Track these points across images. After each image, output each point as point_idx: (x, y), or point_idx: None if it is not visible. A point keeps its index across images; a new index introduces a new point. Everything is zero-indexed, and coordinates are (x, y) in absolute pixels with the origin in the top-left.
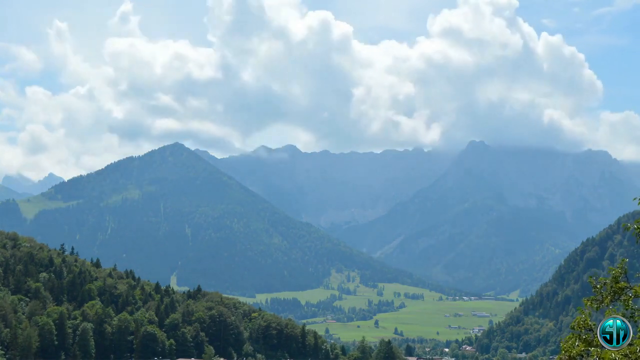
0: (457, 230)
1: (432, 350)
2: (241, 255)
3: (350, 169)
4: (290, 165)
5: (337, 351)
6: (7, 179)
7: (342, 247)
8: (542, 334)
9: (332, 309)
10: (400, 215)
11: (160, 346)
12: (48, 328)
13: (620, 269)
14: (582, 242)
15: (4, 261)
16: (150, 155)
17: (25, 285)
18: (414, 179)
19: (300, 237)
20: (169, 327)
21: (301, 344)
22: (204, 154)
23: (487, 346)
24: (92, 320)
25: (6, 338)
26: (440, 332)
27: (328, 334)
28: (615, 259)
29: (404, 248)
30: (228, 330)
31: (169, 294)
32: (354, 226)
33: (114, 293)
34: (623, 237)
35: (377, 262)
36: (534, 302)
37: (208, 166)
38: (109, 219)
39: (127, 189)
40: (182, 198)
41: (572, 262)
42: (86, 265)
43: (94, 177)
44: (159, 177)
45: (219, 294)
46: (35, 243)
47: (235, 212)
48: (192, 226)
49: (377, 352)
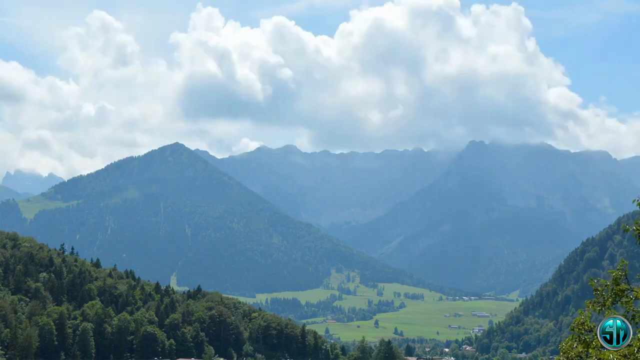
0: (457, 230)
1: (432, 350)
2: (241, 255)
3: (350, 169)
4: (290, 165)
5: (337, 351)
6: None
7: (342, 247)
8: (542, 334)
9: (332, 309)
10: (400, 215)
11: (160, 346)
12: (48, 328)
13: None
14: (582, 242)
15: (4, 261)
16: (150, 155)
17: (25, 285)
18: (414, 179)
19: (300, 237)
20: (169, 327)
21: (301, 344)
22: (204, 154)
23: (487, 346)
24: (92, 320)
25: (6, 338)
26: (440, 332)
27: (328, 334)
28: (615, 259)
29: (404, 248)
30: (228, 330)
31: (169, 294)
32: (354, 226)
33: (114, 293)
34: (623, 237)
35: (377, 262)
36: (534, 302)
37: (208, 166)
38: (109, 219)
39: (127, 189)
40: (182, 198)
41: (572, 262)
42: (86, 265)
43: (94, 177)
44: (159, 177)
45: (219, 294)
46: (35, 243)
47: (235, 212)
48: (192, 226)
49: (377, 352)
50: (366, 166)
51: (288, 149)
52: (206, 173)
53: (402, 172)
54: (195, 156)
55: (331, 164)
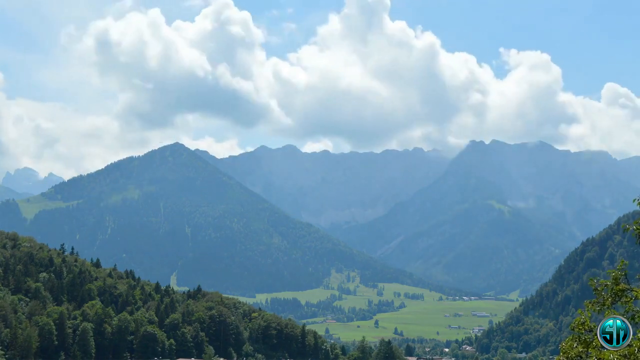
0: (457, 230)
1: (432, 350)
2: (241, 255)
3: (350, 169)
4: (290, 165)
5: (337, 351)
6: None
7: (342, 247)
8: (542, 334)
9: (332, 309)
10: (400, 215)
11: (160, 346)
12: (48, 328)
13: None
14: (582, 242)
15: (4, 261)
16: (150, 155)
17: (25, 285)
18: (414, 179)
19: (300, 237)
20: (169, 327)
21: (301, 344)
22: (204, 154)
23: (487, 346)
24: (92, 320)
25: (6, 338)
26: (440, 332)
27: (328, 334)
28: (615, 259)
29: (404, 248)
30: (228, 330)
31: (169, 294)
32: (354, 226)
33: (114, 293)
34: (623, 237)
35: (377, 262)
36: (534, 302)
37: (208, 166)
38: (109, 219)
39: (127, 189)
40: (182, 198)
41: (572, 262)
42: (86, 265)
43: (94, 177)
44: (159, 177)
45: (219, 294)
46: (35, 243)
47: (235, 212)
48: (192, 226)
49: (377, 352)
50: (366, 166)
51: (288, 149)
52: (206, 173)
53: (402, 172)
54: (195, 156)
55: (331, 164)
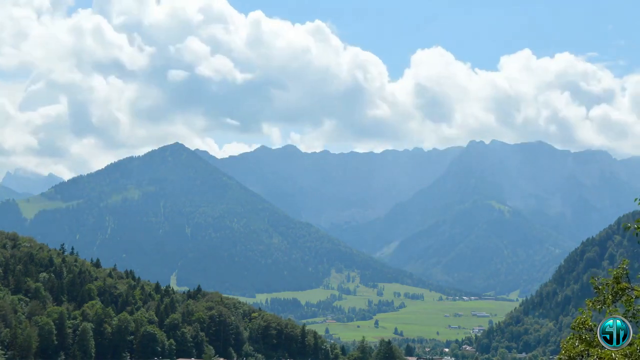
0: (457, 230)
1: (432, 350)
2: (241, 255)
3: (350, 169)
4: (290, 165)
5: (337, 351)
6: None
7: (342, 247)
8: (542, 334)
9: (332, 309)
10: (400, 215)
11: (160, 346)
12: (48, 328)
13: (622, 269)
14: (582, 242)
15: (4, 261)
16: (150, 155)
17: (25, 285)
18: (414, 179)
19: (300, 237)
20: (169, 327)
21: (301, 344)
22: (204, 154)
23: (487, 346)
24: (92, 320)
25: (6, 338)
26: (440, 332)
27: (328, 334)
28: (615, 259)
29: (404, 248)
30: (228, 330)
31: (169, 294)
32: (354, 226)
33: (114, 293)
34: (623, 237)
35: (377, 262)
36: (534, 302)
37: (208, 166)
38: (109, 219)
39: (127, 189)
40: (182, 198)
41: (572, 262)
42: (86, 265)
43: (94, 177)
44: (159, 177)
45: (219, 294)
46: (35, 243)
47: (235, 212)
48: (192, 226)
49: (377, 352)
50: (366, 166)
51: (288, 149)
52: (206, 173)
53: (402, 172)
54: (195, 156)
55: (331, 164)
